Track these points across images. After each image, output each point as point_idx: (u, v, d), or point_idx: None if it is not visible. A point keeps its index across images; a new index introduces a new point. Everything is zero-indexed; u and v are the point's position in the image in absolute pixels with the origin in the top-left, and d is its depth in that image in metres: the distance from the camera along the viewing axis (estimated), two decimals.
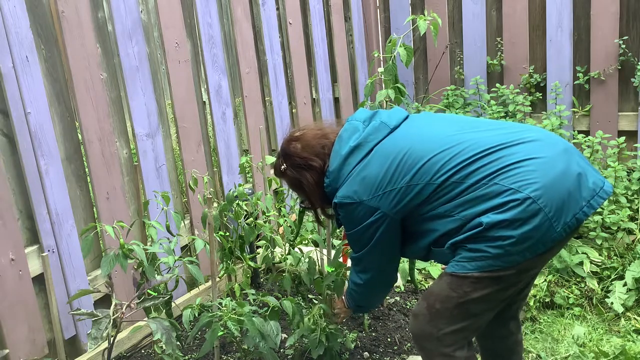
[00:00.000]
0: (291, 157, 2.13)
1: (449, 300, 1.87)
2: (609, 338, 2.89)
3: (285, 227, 2.81)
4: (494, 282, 1.81)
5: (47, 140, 2.56)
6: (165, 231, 2.51)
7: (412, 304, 3.05)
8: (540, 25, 4.35)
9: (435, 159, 1.86)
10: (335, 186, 2.01)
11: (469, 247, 1.81)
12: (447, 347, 1.91)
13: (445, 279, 1.89)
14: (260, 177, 3.65)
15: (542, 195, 1.74)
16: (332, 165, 2.03)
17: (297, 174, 2.12)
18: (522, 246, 1.75)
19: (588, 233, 3.45)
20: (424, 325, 1.94)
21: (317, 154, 2.10)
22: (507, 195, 1.75)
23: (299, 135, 2.17)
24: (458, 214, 1.82)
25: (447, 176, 1.84)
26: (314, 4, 4.21)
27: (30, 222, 2.57)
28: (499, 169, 1.80)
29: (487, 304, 1.89)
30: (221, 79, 3.45)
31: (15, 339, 2.46)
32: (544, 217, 1.74)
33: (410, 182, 1.87)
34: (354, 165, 1.97)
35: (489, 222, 1.76)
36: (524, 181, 1.75)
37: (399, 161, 1.90)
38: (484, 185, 1.79)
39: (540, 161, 1.80)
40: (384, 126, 2.01)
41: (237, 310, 2.09)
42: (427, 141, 1.92)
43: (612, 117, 4.20)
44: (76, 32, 2.65)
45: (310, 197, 2.14)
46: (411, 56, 2.65)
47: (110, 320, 1.86)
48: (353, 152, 1.99)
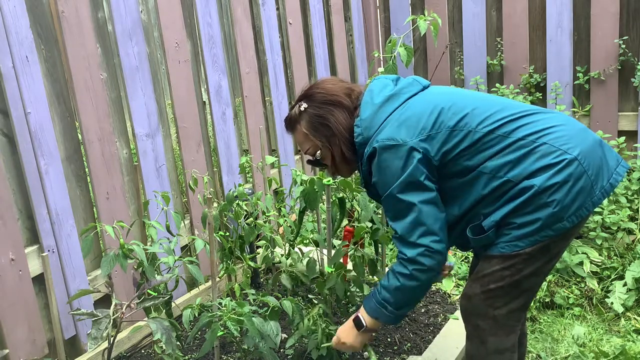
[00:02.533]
0: (314, 95, 2.00)
1: (504, 279, 1.86)
2: (609, 338, 2.89)
3: (285, 227, 2.81)
4: (544, 253, 1.83)
5: (47, 140, 2.56)
6: (165, 231, 2.51)
7: None
8: (540, 25, 4.35)
9: (479, 110, 1.85)
10: (369, 135, 1.91)
11: (519, 222, 1.79)
12: (500, 329, 1.92)
13: (495, 260, 1.86)
14: (260, 177, 3.65)
15: (585, 158, 1.78)
16: (363, 113, 1.93)
17: (320, 110, 1.97)
18: (571, 210, 1.78)
19: (588, 233, 3.45)
20: (480, 305, 1.92)
21: (344, 92, 2.00)
22: (558, 156, 1.77)
23: (320, 82, 2.06)
24: (505, 174, 1.80)
25: (493, 127, 1.83)
26: (314, 4, 4.21)
27: (30, 222, 2.57)
28: (543, 129, 1.82)
29: (537, 277, 1.90)
30: (221, 79, 3.45)
31: (15, 339, 2.46)
32: (587, 179, 1.78)
33: (455, 127, 1.84)
34: (390, 112, 1.91)
35: (541, 186, 1.76)
36: (569, 143, 1.79)
37: (441, 109, 1.87)
38: (532, 142, 1.80)
39: (573, 128, 1.85)
40: (416, 83, 1.99)
41: (237, 310, 2.08)
42: (467, 98, 1.92)
43: (612, 117, 4.21)
44: (76, 32, 2.65)
45: (332, 140, 1.98)
46: (411, 56, 2.64)
47: (110, 320, 1.86)
48: (388, 100, 1.93)
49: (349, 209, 2.67)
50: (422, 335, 2.79)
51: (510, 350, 1.96)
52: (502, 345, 1.94)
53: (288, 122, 2.09)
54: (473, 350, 2.01)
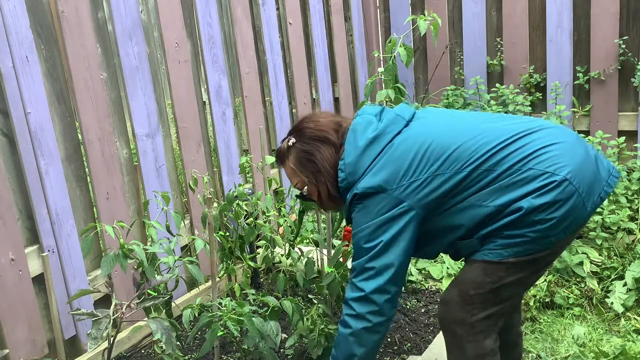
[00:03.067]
0: (303, 131, 2.01)
1: (483, 286, 1.85)
2: (609, 338, 2.89)
3: (285, 227, 2.81)
4: (529, 265, 1.83)
5: (47, 140, 2.56)
6: (165, 231, 2.51)
7: (412, 304, 3.05)
8: (540, 25, 4.35)
9: (462, 148, 1.82)
10: (353, 180, 1.90)
11: (506, 234, 1.79)
12: (478, 334, 1.91)
13: (478, 266, 1.85)
14: (260, 177, 3.66)
15: (575, 176, 1.77)
16: (347, 157, 1.91)
17: (307, 146, 1.98)
18: (560, 228, 1.78)
19: (588, 233, 3.45)
20: (457, 311, 1.91)
21: (332, 128, 1.99)
22: (545, 179, 1.76)
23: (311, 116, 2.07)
24: (491, 203, 1.79)
25: (477, 164, 1.81)
26: (314, 4, 4.21)
27: (30, 222, 2.57)
28: (530, 154, 1.80)
29: (520, 287, 1.90)
30: (221, 79, 3.45)
31: (15, 339, 2.46)
32: (578, 197, 1.77)
33: (437, 172, 1.82)
34: (374, 157, 1.89)
35: (529, 207, 1.75)
36: (558, 164, 1.77)
37: (425, 151, 1.84)
38: (519, 170, 1.78)
39: (564, 145, 1.83)
40: (399, 119, 1.95)
41: (237, 310, 2.09)
42: (449, 132, 1.88)
43: (612, 117, 4.20)
44: (76, 32, 2.65)
45: (317, 176, 1.99)
46: (411, 56, 2.65)
47: (110, 320, 1.86)
48: (372, 143, 1.90)
49: None
50: (422, 335, 2.79)
51: (490, 354, 1.94)
52: (481, 350, 1.92)
53: (278, 156, 2.10)
54: (453, 357, 2.00)
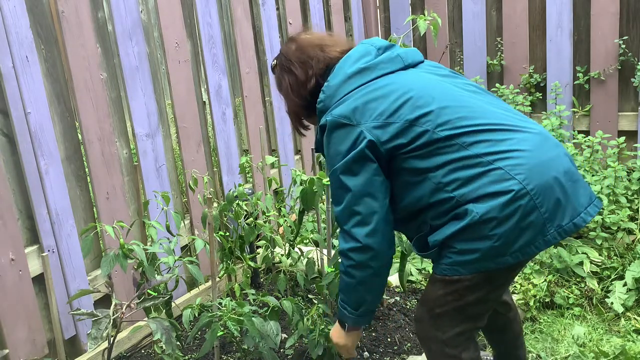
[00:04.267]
0: (280, 56, 2.05)
1: (447, 304, 1.83)
2: (609, 338, 2.89)
3: (285, 227, 2.81)
4: (487, 282, 1.78)
5: (47, 140, 2.56)
6: (165, 231, 2.51)
7: (412, 304, 3.05)
8: (540, 25, 4.35)
9: (446, 111, 1.74)
10: (329, 104, 1.85)
11: (459, 248, 1.73)
12: (453, 349, 1.89)
13: (438, 284, 1.82)
14: (260, 177, 3.66)
15: (540, 193, 1.67)
16: (332, 80, 1.87)
17: (279, 73, 2.04)
18: (514, 247, 1.69)
19: (588, 233, 3.45)
20: (428, 329, 1.92)
21: (301, 61, 1.97)
22: (509, 186, 1.66)
23: (297, 36, 2.06)
24: (453, 191, 1.70)
25: (454, 133, 1.72)
26: (314, 4, 4.21)
27: (30, 222, 2.57)
28: (506, 150, 1.70)
29: (484, 305, 1.87)
30: (221, 79, 3.45)
31: (15, 339, 2.46)
32: (539, 216, 1.67)
33: (413, 122, 1.73)
34: (356, 86, 1.83)
35: (482, 215, 1.66)
36: (526, 174, 1.67)
37: (408, 98, 1.76)
38: (488, 163, 1.69)
39: (542, 158, 1.72)
40: (399, 59, 1.88)
41: (237, 310, 2.09)
42: (440, 91, 1.80)
43: (612, 117, 4.21)
44: (76, 32, 2.65)
45: (286, 100, 2.05)
46: None
47: (110, 320, 1.86)
48: (359, 73, 1.85)
49: None
50: None
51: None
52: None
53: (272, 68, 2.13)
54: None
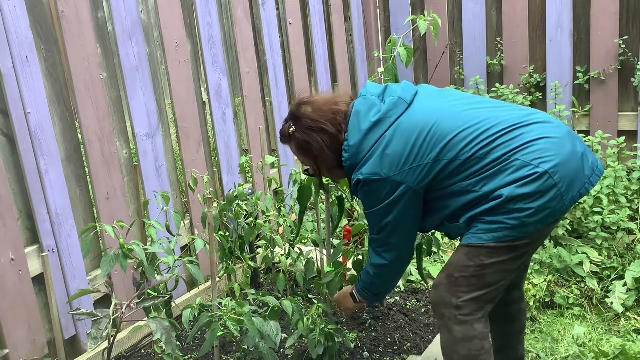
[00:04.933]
0: (300, 120, 2.12)
1: (467, 269, 1.95)
2: (609, 338, 2.89)
3: (285, 227, 2.81)
4: (509, 251, 1.92)
5: (47, 140, 2.56)
6: (165, 231, 2.51)
7: (412, 304, 3.05)
8: (540, 25, 4.35)
9: (461, 136, 1.93)
10: (356, 161, 2.03)
11: (487, 219, 1.90)
12: (465, 316, 1.99)
13: (462, 250, 1.97)
14: (260, 177, 3.65)
15: (557, 171, 1.86)
16: (352, 139, 2.03)
17: (306, 137, 2.10)
18: (537, 218, 1.87)
19: (588, 233, 3.45)
20: (444, 294, 2.01)
21: (328, 119, 2.09)
22: (528, 170, 1.86)
23: (308, 99, 2.17)
24: (480, 189, 1.91)
25: (472, 153, 1.91)
26: (314, 4, 4.21)
27: (30, 222, 2.57)
28: (519, 146, 1.89)
29: (502, 274, 1.97)
30: (221, 79, 3.45)
31: (15, 339, 2.46)
32: (557, 191, 1.87)
33: (437, 158, 1.93)
34: (375, 140, 2.00)
35: (509, 195, 1.85)
36: (542, 158, 1.87)
37: (425, 137, 1.95)
38: (506, 160, 1.89)
39: (553, 140, 1.92)
40: (402, 101, 2.04)
41: (237, 310, 2.08)
42: (449, 117, 1.98)
43: (612, 117, 4.21)
44: (76, 32, 2.65)
45: (317, 161, 2.14)
46: (411, 56, 2.65)
47: (110, 320, 1.86)
48: (374, 127, 2.01)
49: (348, 208, 2.68)
50: (422, 335, 2.79)
51: (478, 337, 2.00)
52: (469, 333, 2.00)
53: (281, 136, 2.23)
54: (444, 340, 2.08)
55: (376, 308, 2.97)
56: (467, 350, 2.00)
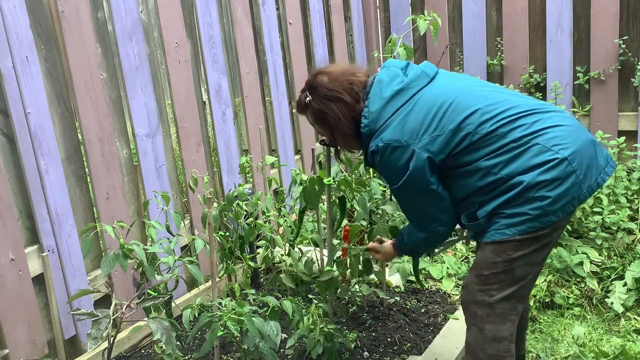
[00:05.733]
0: (317, 89, 2.12)
1: (496, 266, 1.96)
2: (609, 338, 2.89)
3: (285, 227, 2.81)
4: (533, 242, 1.93)
5: (47, 140, 2.56)
6: (165, 231, 2.51)
7: (412, 304, 3.05)
8: (540, 25, 4.35)
9: (481, 111, 1.94)
10: (374, 128, 2.02)
11: (508, 212, 1.90)
12: (498, 316, 2.00)
13: (488, 248, 1.97)
14: (260, 177, 3.65)
15: (575, 158, 1.88)
16: (372, 106, 2.03)
17: (322, 106, 2.10)
18: (558, 205, 1.88)
19: (588, 233, 3.45)
20: (476, 293, 2.02)
21: (344, 88, 2.09)
22: (548, 156, 1.87)
23: (325, 69, 2.18)
24: (499, 172, 1.90)
25: (492, 129, 1.92)
26: (314, 4, 4.21)
27: (30, 222, 2.57)
28: (538, 130, 1.91)
29: (529, 267, 1.98)
30: (221, 79, 3.45)
31: (15, 339, 2.46)
32: (576, 178, 1.88)
33: (457, 128, 1.93)
34: (397, 108, 2.00)
35: (530, 181, 1.86)
36: (561, 145, 1.89)
37: (446, 108, 1.95)
38: (527, 143, 1.89)
39: (568, 129, 1.94)
40: (424, 75, 2.06)
41: (237, 310, 2.08)
42: (470, 94, 2.00)
43: (612, 117, 4.20)
44: (76, 32, 2.65)
45: (333, 130, 2.13)
46: (411, 56, 2.64)
47: (110, 320, 1.86)
48: (396, 95, 2.01)
49: (349, 208, 2.67)
50: (422, 335, 2.79)
51: (507, 339, 2.02)
52: (499, 333, 2.01)
53: (298, 107, 2.22)
54: (472, 338, 2.07)
55: (376, 308, 2.97)
56: (495, 350, 2.02)
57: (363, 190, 2.51)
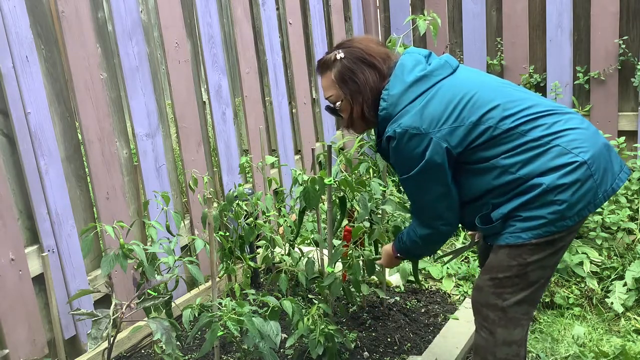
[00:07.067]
0: (352, 49, 2.04)
1: (510, 269, 1.93)
2: (609, 338, 2.89)
3: (285, 227, 2.81)
4: (548, 246, 1.90)
5: (47, 140, 2.56)
6: (165, 231, 2.51)
7: (412, 304, 3.05)
8: (540, 25, 4.35)
9: (503, 106, 1.91)
10: (392, 112, 1.96)
11: (524, 215, 1.87)
12: (510, 321, 1.98)
13: (502, 251, 1.94)
14: (260, 177, 3.65)
15: (593, 162, 1.87)
16: (392, 89, 1.97)
17: (354, 66, 2.02)
18: (575, 210, 1.86)
19: (588, 233, 3.45)
20: (489, 296, 2.00)
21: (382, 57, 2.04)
22: (569, 158, 1.85)
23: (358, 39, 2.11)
24: (517, 171, 1.87)
25: (513, 125, 1.89)
26: (314, 4, 4.21)
27: (30, 222, 2.57)
28: (559, 131, 1.89)
29: (543, 270, 1.95)
30: (221, 79, 3.45)
31: (15, 339, 2.46)
32: (593, 183, 1.87)
33: (477, 122, 1.89)
34: (417, 95, 1.95)
35: (550, 184, 1.83)
36: (581, 148, 1.87)
37: (468, 100, 1.92)
38: (547, 143, 1.87)
39: (587, 132, 1.92)
40: (447, 65, 2.03)
41: (237, 310, 2.08)
42: (491, 90, 1.97)
43: (612, 117, 4.20)
44: (76, 32, 2.65)
45: (354, 96, 2.03)
46: None
47: (110, 320, 1.86)
48: (418, 81, 1.97)
49: (349, 208, 2.68)
50: (422, 335, 2.79)
51: (517, 344, 2.01)
52: (510, 337, 1.99)
53: (320, 64, 2.12)
54: (482, 341, 2.05)
55: (376, 308, 2.97)
56: (505, 354, 2.00)
57: (363, 190, 2.51)
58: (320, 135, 4.42)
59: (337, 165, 2.81)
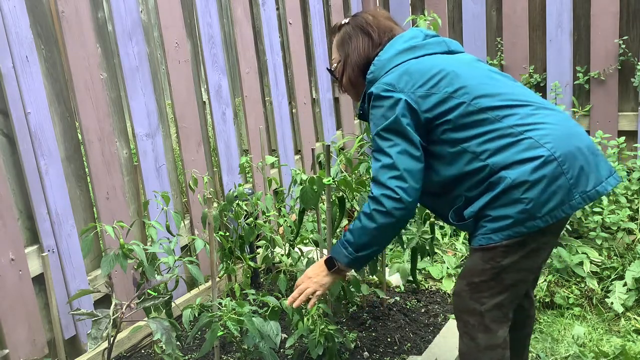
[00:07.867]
0: (357, 18, 2.19)
1: (485, 273, 1.92)
2: (609, 338, 2.89)
3: (285, 227, 2.81)
4: (521, 247, 1.87)
5: (47, 140, 2.56)
6: (165, 231, 2.51)
7: (412, 304, 3.05)
8: (540, 25, 4.35)
9: (482, 87, 1.92)
10: (379, 75, 2.03)
11: (493, 215, 1.86)
12: (490, 323, 1.96)
13: (477, 254, 1.93)
14: (260, 177, 3.66)
15: (566, 160, 1.82)
16: (383, 55, 2.06)
17: (352, 32, 2.16)
18: (545, 209, 1.81)
19: (588, 233, 3.45)
20: (467, 301, 1.98)
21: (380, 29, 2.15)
22: (539, 152, 1.81)
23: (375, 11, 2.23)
24: (486, 159, 1.86)
25: (487, 106, 1.89)
26: (314, 4, 4.21)
27: (30, 222, 2.57)
28: (534, 123, 1.87)
29: (519, 273, 1.93)
30: (221, 79, 3.45)
31: (15, 339, 2.46)
32: (565, 181, 1.82)
33: (452, 94, 1.91)
34: (404, 60, 2.02)
35: (515, 179, 1.81)
36: (553, 143, 1.83)
37: (448, 73, 1.94)
38: (519, 133, 1.85)
39: (567, 130, 1.89)
40: (444, 43, 2.09)
41: (237, 310, 2.08)
42: (477, 72, 2.00)
43: (612, 117, 4.21)
44: (76, 32, 2.65)
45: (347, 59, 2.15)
46: None
47: (110, 320, 1.86)
48: (409, 49, 2.04)
49: (348, 208, 2.67)
50: (422, 335, 2.79)
51: (501, 346, 1.98)
52: (492, 341, 1.97)
53: (331, 29, 2.30)
54: (464, 347, 2.04)
55: (376, 308, 2.97)
56: (489, 358, 1.98)
57: (363, 190, 2.51)
58: (320, 135, 4.42)
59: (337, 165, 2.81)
